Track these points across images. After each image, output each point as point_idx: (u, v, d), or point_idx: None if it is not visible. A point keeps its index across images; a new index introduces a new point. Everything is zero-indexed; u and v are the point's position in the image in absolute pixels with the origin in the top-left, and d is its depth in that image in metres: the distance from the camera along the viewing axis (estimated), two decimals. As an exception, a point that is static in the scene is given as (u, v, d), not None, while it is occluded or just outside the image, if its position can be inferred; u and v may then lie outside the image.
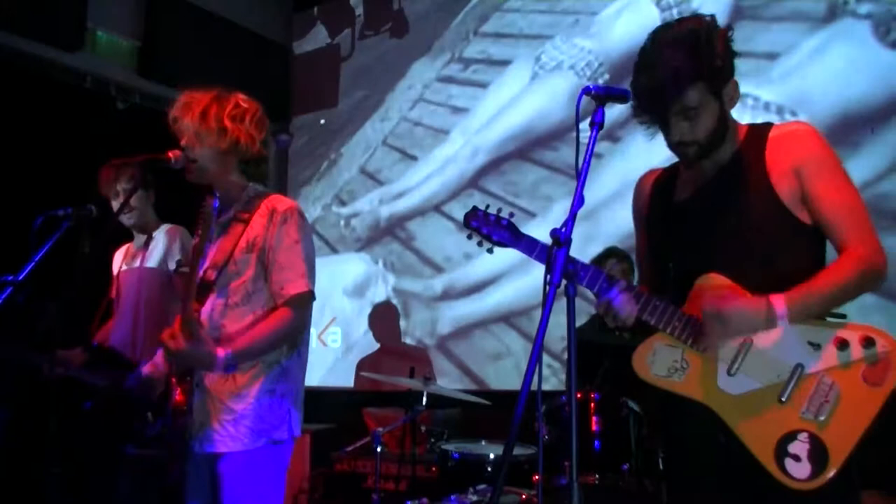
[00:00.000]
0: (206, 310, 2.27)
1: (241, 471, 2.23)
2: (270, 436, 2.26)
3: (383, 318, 5.48)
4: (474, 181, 5.24)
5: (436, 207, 5.38)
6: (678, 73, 1.79)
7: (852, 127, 3.94)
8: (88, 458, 3.23)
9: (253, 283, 2.29)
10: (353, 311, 5.64)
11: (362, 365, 5.47)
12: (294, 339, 2.35)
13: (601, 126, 1.74)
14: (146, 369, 2.52)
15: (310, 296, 2.31)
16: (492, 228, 2.00)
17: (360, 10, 5.99)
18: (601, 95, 1.76)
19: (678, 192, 2.03)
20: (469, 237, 2.03)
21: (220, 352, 2.13)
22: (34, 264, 2.50)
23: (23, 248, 2.57)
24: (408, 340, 5.34)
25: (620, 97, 1.78)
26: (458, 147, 5.35)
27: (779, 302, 1.76)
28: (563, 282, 1.66)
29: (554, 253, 1.65)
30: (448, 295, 5.22)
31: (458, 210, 5.18)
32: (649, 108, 1.87)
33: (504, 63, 5.26)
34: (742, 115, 1.97)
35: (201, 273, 2.26)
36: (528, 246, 1.96)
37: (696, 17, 1.88)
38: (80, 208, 2.83)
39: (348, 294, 5.69)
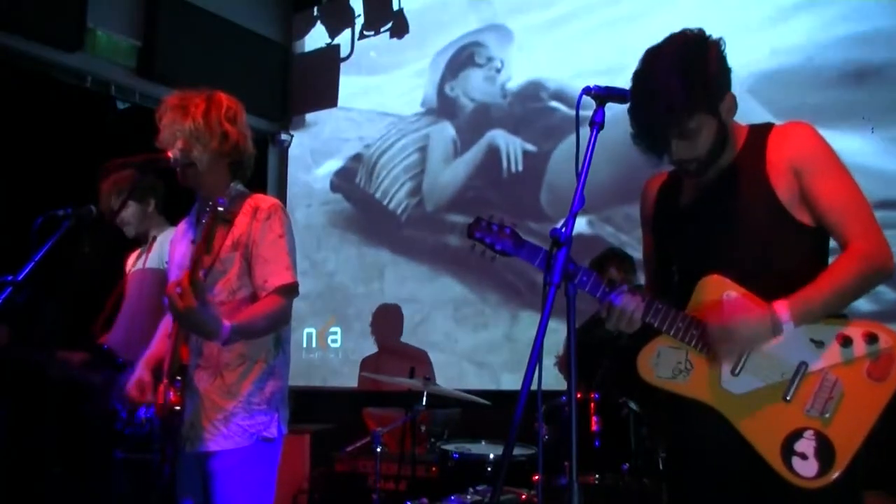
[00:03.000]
0: None
1: (233, 469, 2.25)
2: (261, 433, 2.28)
3: (385, 319, 5.47)
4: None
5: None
6: (674, 105, 1.77)
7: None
8: (88, 458, 3.23)
9: (237, 279, 2.31)
10: (354, 311, 5.63)
11: (364, 365, 5.46)
12: (282, 329, 2.36)
13: (601, 126, 1.74)
14: (131, 389, 2.42)
15: (295, 287, 2.32)
16: (494, 238, 1.99)
17: (360, 10, 5.99)
18: (601, 95, 1.76)
19: (683, 195, 2.04)
20: (472, 248, 2.03)
21: (227, 322, 2.10)
22: (34, 264, 2.50)
23: (23, 248, 2.57)
24: (410, 340, 5.33)
25: (620, 97, 1.78)
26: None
27: (782, 309, 1.76)
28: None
29: (554, 253, 1.65)
30: (450, 291, 5.21)
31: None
32: (649, 137, 1.86)
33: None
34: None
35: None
36: (531, 254, 1.96)
37: (686, 34, 1.85)
38: (80, 208, 2.83)
39: (349, 293, 5.68)
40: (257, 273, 2.29)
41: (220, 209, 2.05)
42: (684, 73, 1.77)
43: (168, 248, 3.21)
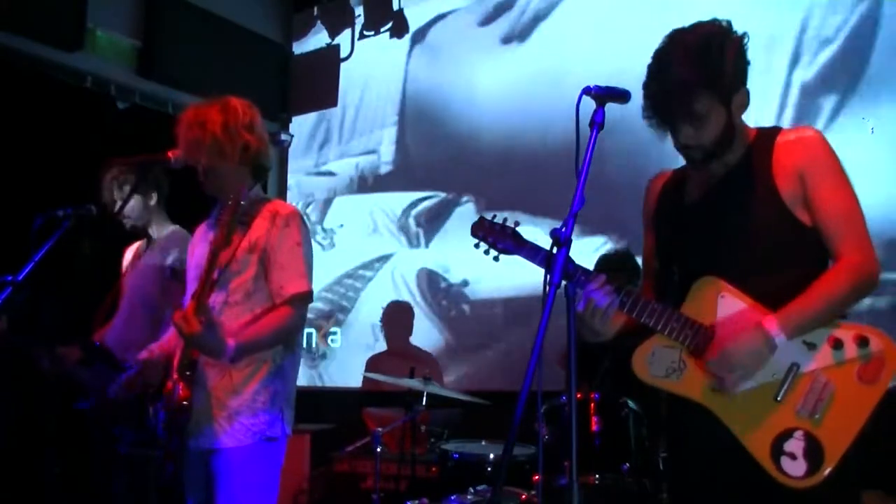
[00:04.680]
0: None
1: (236, 467, 2.26)
2: (264, 433, 2.29)
3: (395, 318, 5.44)
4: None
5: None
6: (686, 82, 1.81)
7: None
8: (88, 457, 3.23)
9: (254, 282, 2.34)
10: (355, 311, 5.63)
11: (369, 364, 5.44)
12: (292, 337, 2.39)
13: (601, 126, 1.75)
14: (142, 355, 2.53)
15: (309, 295, 2.37)
16: (497, 237, 2.02)
17: (360, 10, 5.99)
18: (601, 95, 1.77)
19: (687, 194, 2.05)
20: (476, 246, 2.06)
21: (231, 341, 2.17)
22: (34, 264, 2.50)
23: (23, 248, 2.57)
24: (416, 341, 5.32)
25: (620, 97, 1.78)
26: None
27: (771, 324, 1.78)
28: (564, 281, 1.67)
29: (554, 253, 1.66)
30: (451, 290, 5.21)
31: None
32: (657, 112, 1.89)
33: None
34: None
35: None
36: (531, 253, 1.98)
37: (712, 23, 1.89)
38: (80, 208, 2.83)
39: (350, 293, 5.68)
40: (274, 278, 2.34)
41: (242, 202, 2.15)
42: (701, 54, 1.81)
43: (171, 247, 3.23)
